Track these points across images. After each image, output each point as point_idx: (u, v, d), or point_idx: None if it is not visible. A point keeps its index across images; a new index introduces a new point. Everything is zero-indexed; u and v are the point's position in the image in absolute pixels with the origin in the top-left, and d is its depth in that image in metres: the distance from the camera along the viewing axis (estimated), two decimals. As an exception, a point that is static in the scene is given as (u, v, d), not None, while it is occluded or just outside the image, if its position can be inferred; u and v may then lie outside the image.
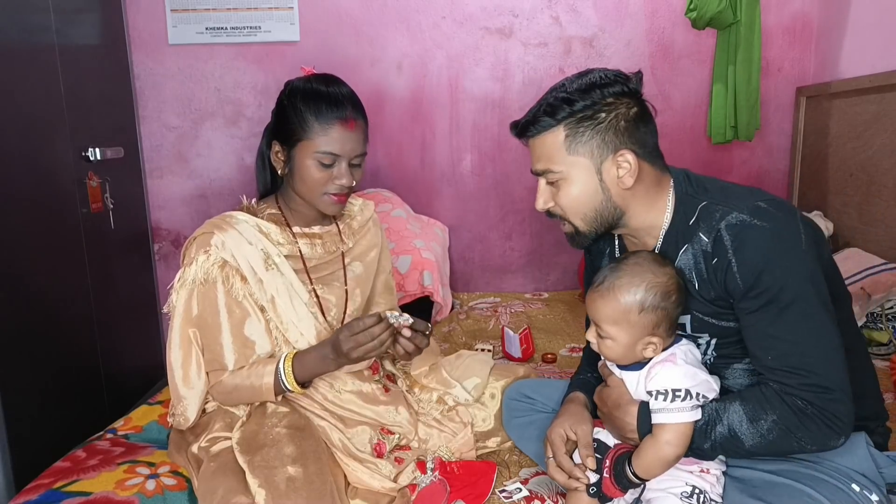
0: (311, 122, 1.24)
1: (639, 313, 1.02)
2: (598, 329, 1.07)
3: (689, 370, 1.01)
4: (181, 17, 2.48)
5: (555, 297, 2.61)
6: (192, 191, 2.63)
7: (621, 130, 1.05)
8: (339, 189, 1.27)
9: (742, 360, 1.07)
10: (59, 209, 1.97)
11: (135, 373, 2.45)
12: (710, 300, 1.03)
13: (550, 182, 1.10)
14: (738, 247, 0.97)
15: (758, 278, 0.95)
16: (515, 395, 1.39)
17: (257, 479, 1.10)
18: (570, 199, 1.08)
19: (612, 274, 1.06)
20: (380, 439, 1.29)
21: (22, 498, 1.17)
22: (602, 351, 1.08)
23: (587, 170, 1.06)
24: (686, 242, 1.05)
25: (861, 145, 2.21)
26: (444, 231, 2.61)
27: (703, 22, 2.34)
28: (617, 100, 1.05)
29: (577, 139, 1.05)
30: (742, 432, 0.97)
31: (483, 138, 2.63)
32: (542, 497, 1.21)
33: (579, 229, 1.11)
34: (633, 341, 1.03)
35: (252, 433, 1.22)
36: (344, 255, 1.41)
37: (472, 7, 2.53)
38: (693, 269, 1.04)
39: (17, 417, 1.69)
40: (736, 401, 0.99)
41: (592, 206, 1.08)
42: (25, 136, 1.81)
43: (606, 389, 1.11)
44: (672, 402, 0.98)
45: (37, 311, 1.83)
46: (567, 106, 1.05)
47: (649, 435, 1.01)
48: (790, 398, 0.95)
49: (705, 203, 1.04)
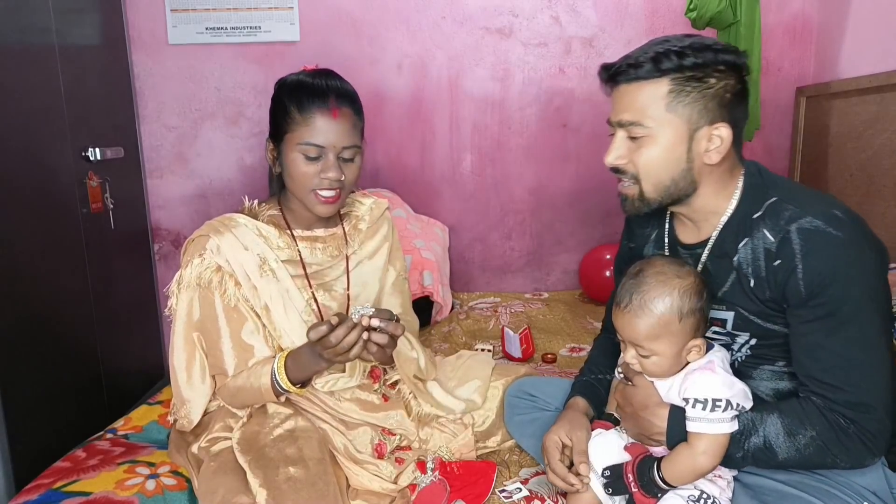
0: (293, 113, 1.21)
1: (679, 321, 0.98)
2: (638, 349, 1.03)
3: (728, 378, 0.98)
4: (181, 17, 2.48)
5: (555, 297, 2.61)
6: (192, 191, 2.63)
7: (725, 102, 0.99)
8: (329, 184, 1.22)
9: (774, 362, 1.04)
10: (59, 209, 1.97)
11: (135, 373, 2.45)
12: (763, 300, 1.00)
13: (633, 136, 1.02)
14: (808, 253, 0.93)
15: (823, 288, 0.92)
16: (517, 393, 1.39)
17: (258, 479, 1.10)
18: (651, 159, 1.01)
19: (636, 290, 1.01)
20: (381, 440, 1.29)
21: (22, 498, 1.17)
22: (647, 369, 1.04)
23: (679, 133, 1.00)
24: (747, 236, 1.01)
25: (861, 145, 2.21)
26: (444, 231, 2.61)
27: (703, 22, 2.34)
28: (728, 70, 0.99)
29: (680, 98, 0.98)
30: (778, 445, 0.95)
31: (483, 138, 2.63)
32: (542, 497, 1.21)
33: (646, 194, 1.04)
34: (678, 351, 1.00)
35: (253, 433, 1.21)
36: (348, 259, 1.37)
37: (472, 7, 2.53)
38: (751, 265, 1.00)
39: (17, 417, 1.69)
40: (774, 413, 0.97)
41: (671, 173, 1.02)
42: (25, 137, 1.81)
43: (632, 389, 1.08)
44: (711, 411, 0.95)
45: (37, 311, 1.83)
46: (677, 59, 0.97)
47: (684, 443, 0.98)
48: (832, 415, 0.93)
49: (775, 200, 1.00)
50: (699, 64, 0.98)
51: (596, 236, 2.72)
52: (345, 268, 1.37)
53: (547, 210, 2.71)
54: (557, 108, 2.60)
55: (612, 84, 1.05)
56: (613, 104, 1.05)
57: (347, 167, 1.24)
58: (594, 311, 2.40)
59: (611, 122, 1.06)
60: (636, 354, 1.03)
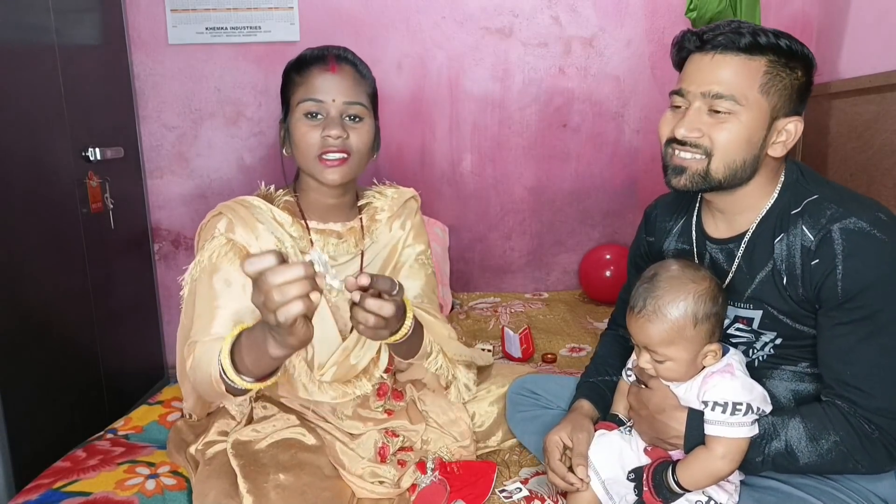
0: (294, 77, 1.20)
1: (694, 327, 0.97)
2: (652, 355, 1.01)
3: (747, 382, 0.97)
4: (181, 17, 2.48)
5: (555, 297, 2.61)
6: (192, 191, 2.62)
7: (803, 97, 0.99)
8: (332, 143, 1.14)
9: (797, 363, 1.03)
10: (59, 209, 1.97)
11: (135, 373, 2.44)
12: (795, 299, 0.98)
13: (716, 110, 0.97)
14: (850, 254, 0.91)
15: (862, 292, 0.90)
16: (519, 390, 1.39)
17: (247, 484, 1.08)
18: (732, 137, 0.96)
19: (650, 294, 0.99)
20: (385, 442, 1.28)
21: (22, 498, 1.17)
22: (662, 374, 1.03)
23: (763, 118, 0.96)
24: (783, 232, 0.99)
25: (861, 145, 2.21)
26: (444, 231, 2.61)
27: (702, 22, 2.34)
28: (808, 64, 0.97)
29: (775, 82, 0.95)
30: (800, 450, 0.93)
31: (483, 138, 2.63)
32: (542, 497, 1.21)
33: (712, 171, 0.99)
34: (693, 356, 0.99)
35: (249, 438, 1.20)
36: (364, 254, 1.31)
37: (472, 7, 2.53)
38: (785, 262, 0.98)
39: (17, 417, 1.69)
40: (796, 416, 0.95)
41: (743, 155, 0.98)
42: (25, 137, 1.81)
43: (647, 392, 1.06)
44: (732, 415, 0.94)
45: (37, 311, 1.83)
46: (775, 38, 0.94)
47: (702, 447, 0.97)
48: (857, 420, 0.92)
49: (816, 198, 0.98)
50: (792, 51, 0.96)
51: (596, 236, 2.72)
52: (359, 264, 1.30)
53: (547, 210, 2.71)
54: (557, 108, 2.60)
55: (701, 51, 0.99)
56: (694, 74, 0.99)
57: (353, 130, 1.17)
58: (594, 311, 2.40)
59: (682, 91, 1.01)
60: (650, 359, 1.02)
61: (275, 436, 1.21)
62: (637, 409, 1.09)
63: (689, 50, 1.01)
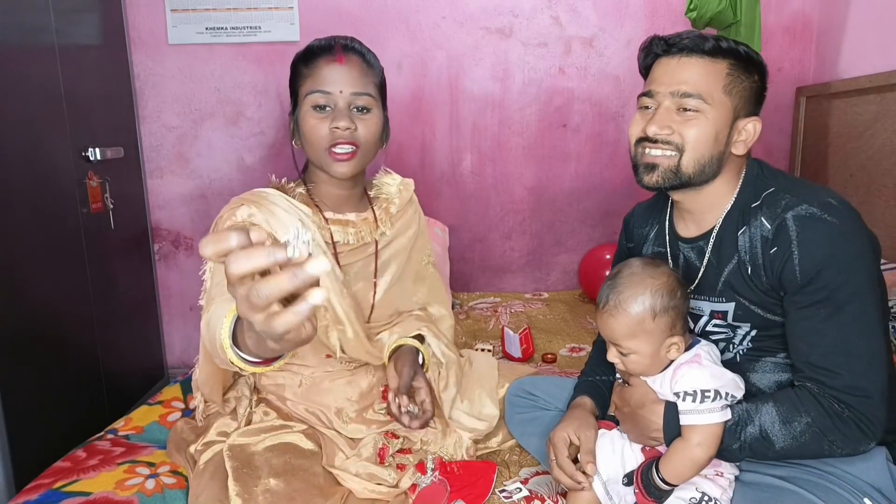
0: (301, 69, 1.20)
1: (653, 319, 1.01)
2: (617, 348, 1.06)
3: (716, 370, 1.00)
4: (181, 17, 2.48)
5: (555, 297, 2.61)
6: (192, 191, 2.62)
7: (759, 99, 1.07)
8: (341, 135, 1.15)
9: (776, 354, 1.06)
10: (59, 209, 1.97)
11: (135, 373, 2.44)
12: (762, 289, 1.02)
13: (685, 108, 1.03)
14: (804, 239, 0.95)
15: (818, 273, 0.94)
16: (518, 392, 1.39)
17: (237, 487, 1.08)
18: (700, 133, 1.02)
19: (612, 291, 1.04)
20: (384, 443, 1.28)
21: (22, 498, 1.17)
22: (629, 368, 1.06)
23: (726, 117, 1.03)
24: (745, 225, 1.04)
25: (861, 145, 2.21)
26: (444, 231, 2.61)
27: (703, 22, 2.34)
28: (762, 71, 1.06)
29: (735, 84, 1.03)
30: (774, 433, 0.95)
31: (483, 138, 2.63)
32: (542, 497, 1.21)
33: (682, 167, 1.04)
34: (655, 349, 1.03)
35: (246, 441, 1.20)
36: (378, 243, 1.31)
37: (472, 7, 2.53)
38: (748, 253, 1.03)
39: (17, 417, 1.69)
40: (769, 402, 0.98)
41: (710, 151, 1.03)
42: (25, 137, 1.81)
43: (628, 389, 1.10)
44: (701, 402, 0.97)
45: (37, 311, 1.83)
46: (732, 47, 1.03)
47: (679, 438, 0.99)
48: (826, 400, 0.94)
49: (773, 190, 1.03)
50: (747, 59, 1.04)
51: (596, 236, 2.72)
52: (373, 253, 1.30)
53: (547, 210, 2.71)
54: (557, 108, 2.60)
55: (668, 55, 1.06)
56: (662, 76, 1.06)
57: (361, 121, 1.17)
58: (594, 311, 2.39)
59: (651, 92, 1.07)
60: (616, 353, 1.07)
61: (272, 440, 1.20)
62: (620, 407, 1.12)
63: (657, 54, 1.08)
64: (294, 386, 1.28)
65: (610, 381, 1.25)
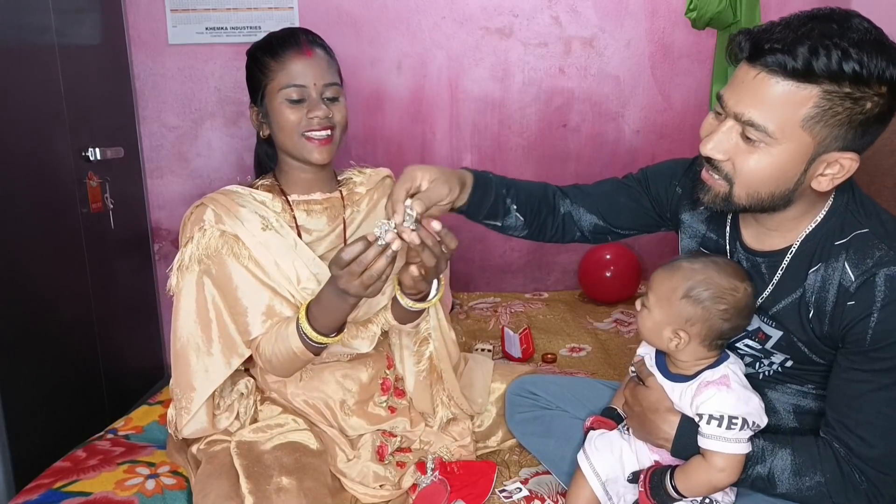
0: (269, 62, 1.21)
1: (680, 298, 0.98)
2: (644, 298, 1.05)
3: (744, 394, 0.96)
4: (181, 17, 2.48)
5: (555, 297, 2.61)
6: (192, 191, 2.62)
7: (867, 128, 0.84)
8: (318, 123, 1.20)
9: (804, 384, 1.00)
10: (58, 209, 1.97)
11: (135, 373, 2.44)
12: (817, 334, 0.93)
13: (747, 137, 0.86)
14: (890, 303, 0.85)
15: (891, 344, 0.86)
16: (518, 391, 1.38)
17: (249, 485, 1.09)
18: (759, 169, 0.87)
19: (689, 257, 1.03)
20: (383, 442, 1.29)
21: (22, 498, 1.17)
22: (639, 319, 1.06)
23: (802, 154, 0.85)
24: (821, 262, 0.92)
25: (861, 145, 2.21)
26: (444, 231, 2.60)
27: (702, 22, 2.34)
28: (891, 88, 0.81)
29: (823, 120, 0.82)
30: (780, 480, 0.93)
31: (483, 138, 2.63)
32: (542, 497, 1.21)
33: (734, 199, 0.91)
34: (662, 323, 1.01)
35: (254, 439, 1.21)
36: (346, 224, 1.32)
37: (472, 7, 2.53)
38: (816, 294, 0.92)
39: (17, 417, 1.69)
40: (787, 447, 0.94)
41: (772, 188, 0.88)
42: (25, 136, 1.81)
43: (643, 390, 1.06)
44: (728, 429, 0.93)
45: (37, 311, 1.83)
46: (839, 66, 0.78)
47: (700, 458, 0.97)
48: (849, 467, 0.90)
49: (865, 231, 0.90)
50: (860, 77, 0.79)
51: (596, 236, 2.72)
52: (341, 233, 1.31)
53: (547, 210, 2.70)
54: (557, 108, 2.60)
55: (750, 63, 0.86)
56: (737, 87, 0.87)
57: (334, 107, 1.23)
58: (594, 311, 2.40)
59: (724, 102, 0.89)
60: (642, 301, 1.06)
61: (280, 438, 1.21)
62: (631, 405, 1.09)
63: (739, 57, 0.89)
64: (295, 379, 1.29)
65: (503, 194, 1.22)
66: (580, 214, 1.27)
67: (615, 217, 1.26)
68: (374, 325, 1.29)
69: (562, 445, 1.25)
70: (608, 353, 1.99)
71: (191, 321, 1.20)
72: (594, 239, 1.30)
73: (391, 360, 1.38)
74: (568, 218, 1.28)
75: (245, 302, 1.19)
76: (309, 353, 1.14)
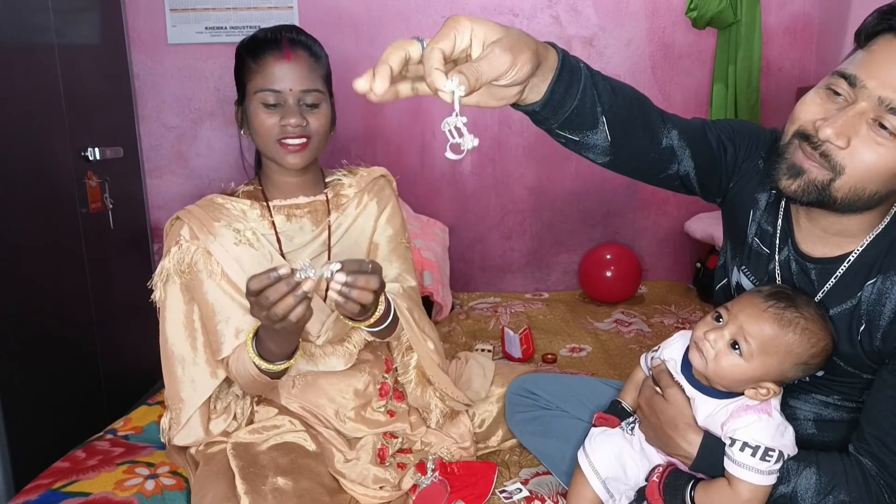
0: (248, 63, 1.21)
1: (795, 364, 0.90)
2: (738, 338, 0.90)
3: (781, 424, 0.92)
4: (181, 16, 2.47)
5: (555, 297, 2.61)
6: (191, 191, 2.62)
7: None
8: (292, 131, 1.16)
9: (830, 395, 0.95)
10: (58, 209, 1.97)
11: (135, 373, 2.44)
12: (866, 348, 0.87)
13: (881, 125, 0.76)
14: None
15: None
16: (518, 391, 1.37)
17: (245, 485, 1.08)
18: (879, 164, 0.77)
19: (800, 309, 0.88)
20: (383, 444, 1.28)
21: (22, 498, 1.17)
22: (718, 360, 0.91)
23: None
24: (880, 273, 0.85)
25: (861, 145, 2.21)
26: (444, 231, 2.60)
27: (703, 22, 2.34)
28: None
29: None
30: (804, 499, 0.89)
31: (483, 138, 2.63)
32: (542, 497, 1.21)
33: (833, 190, 0.81)
34: (758, 377, 0.91)
35: (250, 440, 1.20)
36: (331, 230, 1.28)
37: (472, 7, 2.53)
38: (868, 306, 0.85)
39: (17, 417, 1.69)
40: (812, 466, 0.89)
41: (879, 186, 0.80)
42: (25, 136, 1.81)
43: (662, 402, 0.98)
44: (762, 461, 0.88)
45: (36, 311, 1.83)
46: None
47: (724, 482, 0.92)
48: (877, 486, 0.86)
49: None
50: None
51: (596, 236, 2.72)
52: (326, 240, 1.28)
53: (547, 210, 2.70)
54: (557, 108, 2.60)
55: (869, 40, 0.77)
56: (881, 64, 0.76)
57: (312, 115, 1.19)
58: (594, 311, 2.40)
59: (854, 79, 0.78)
60: (728, 337, 0.90)
61: (276, 439, 1.20)
62: (647, 415, 1.03)
63: (892, 26, 0.76)
64: (288, 387, 1.28)
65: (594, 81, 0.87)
66: (684, 156, 1.00)
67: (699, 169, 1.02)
68: (350, 343, 1.27)
69: (562, 445, 1.24)
70: (609, 354, 1.99)
71: (175, 332, 1.23)
72: (674, 188, 1.05)
73: (389, 364, 1.37)
74: (668, 155, 0.99)
75: (218, 319, 1.19)
76: (266, 377, 1.11)
